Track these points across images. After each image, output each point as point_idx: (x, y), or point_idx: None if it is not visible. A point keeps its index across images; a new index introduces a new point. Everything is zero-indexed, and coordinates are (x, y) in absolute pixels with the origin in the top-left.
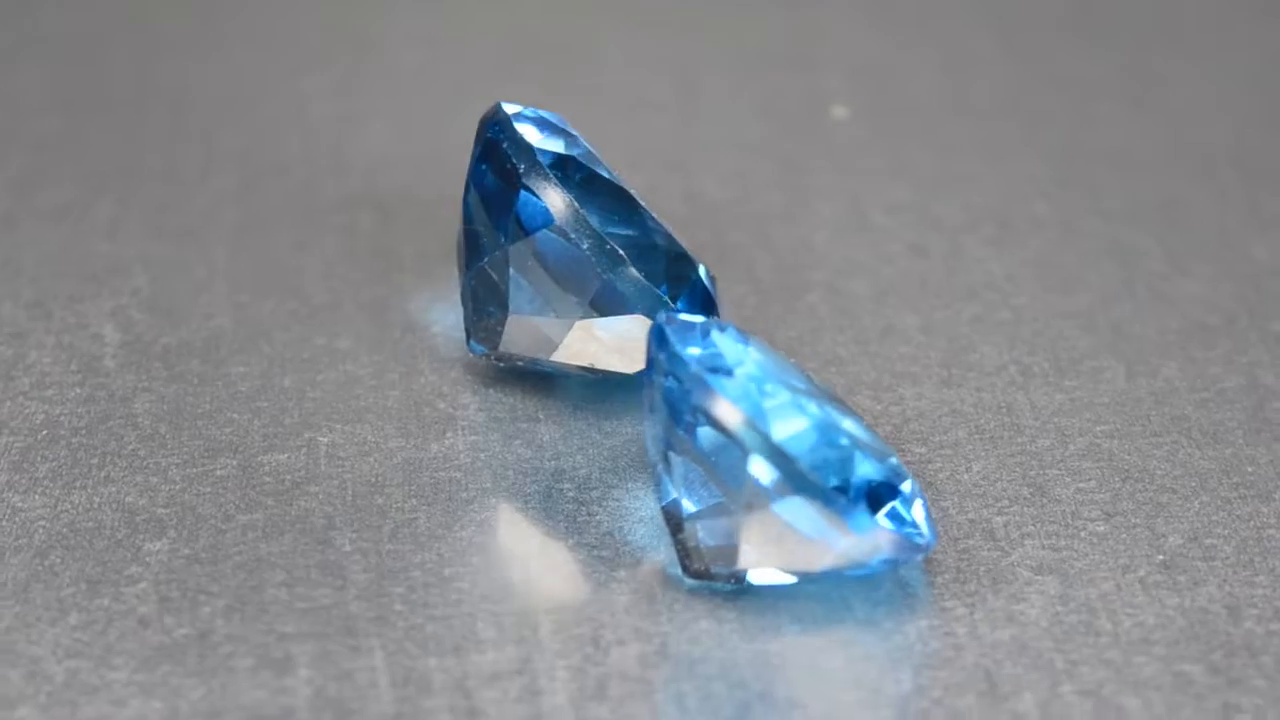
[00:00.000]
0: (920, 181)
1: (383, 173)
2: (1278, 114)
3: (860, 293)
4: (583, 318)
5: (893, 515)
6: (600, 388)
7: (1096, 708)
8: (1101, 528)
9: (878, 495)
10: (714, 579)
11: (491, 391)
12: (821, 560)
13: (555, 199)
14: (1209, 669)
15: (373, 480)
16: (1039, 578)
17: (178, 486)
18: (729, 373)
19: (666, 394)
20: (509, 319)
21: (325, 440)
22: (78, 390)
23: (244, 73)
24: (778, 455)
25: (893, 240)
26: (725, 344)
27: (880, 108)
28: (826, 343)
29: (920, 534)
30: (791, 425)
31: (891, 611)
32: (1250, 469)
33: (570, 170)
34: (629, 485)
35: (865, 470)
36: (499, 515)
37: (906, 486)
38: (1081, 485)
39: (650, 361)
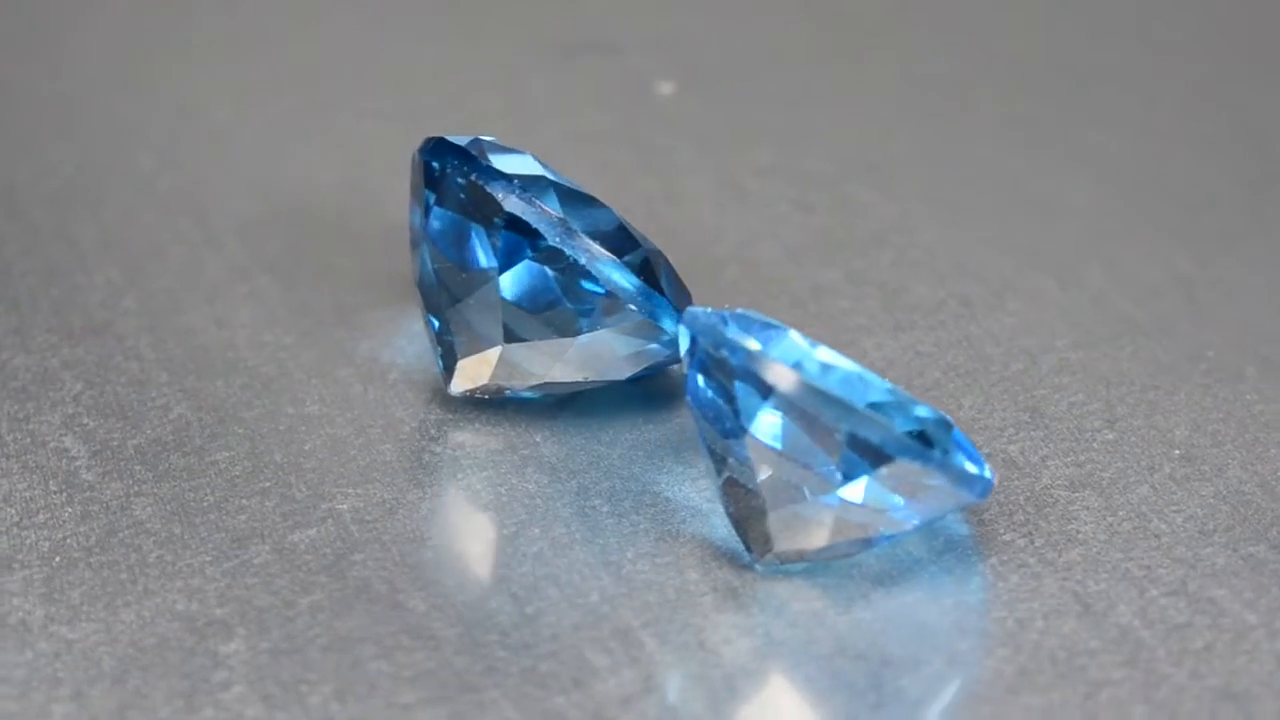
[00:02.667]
0: (774, 140)
1: (260, 233)
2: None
3: (773, 258)
4: (580, 331)
5: (962, 457)
6: (580, 401)
7: (1190, 605)
8: (1110, 435)
9: (940, 439)
10: (784, 560)
11: (479, 426)
12: (901, 522)
13: (543, 220)
14: (1271, 547)
15: (412, 535)
16: (1077, 495)
17: (222, 583)
18: (785, 355)
19: (733, 386)
20: (503, 351)
21: (345, 507)
22: (70, 510)
23: (85, 156)
24: (866, 422)
25: (777, 201)
26: (765, 328)
27: (700, 76)
28: (766, 310)
29: (984, 472)
30: (860, 391)
31: (959, 558)
32: (1210, 353)
33: (539, 187)
34: (654, 489)
35: (922, 413)
36: (549, 545)
37: (954, 427)
38: (1072, 400)
39: (703, 356)
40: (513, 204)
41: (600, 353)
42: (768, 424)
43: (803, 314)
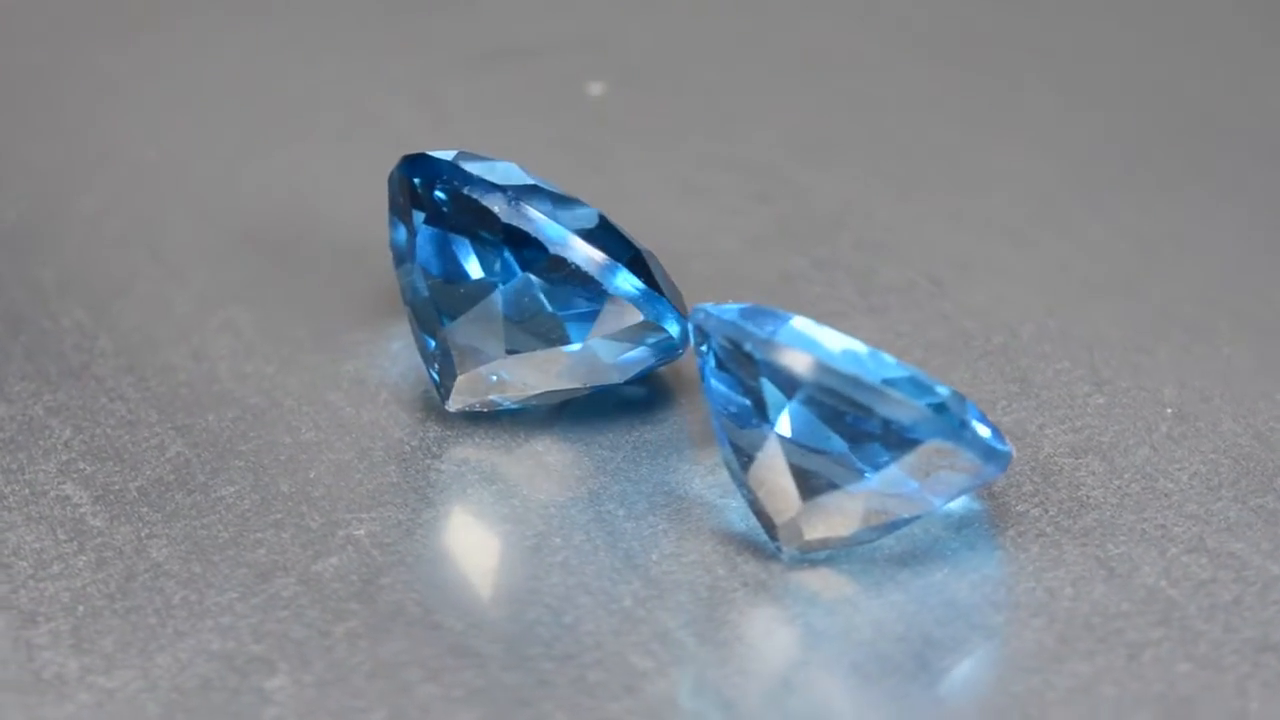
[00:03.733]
0: (710, 132)
1: (220, 264)
2: None
3: (735, 249)
4: (582, 338)
5: (986, 430)
6: (574, 406)
7: (1212, 560)
8: (1101, 399)
9: (960, 413)
10: (810, 549)
11: (479, 439)
12: (927, 503)
13: (544, 229)
14: (1279, 497)
15: (434, 555)
16: (1081, 461)
17: (253, 619)
18: (800, 342)
19: (755, 379)
20: (503, 364)
21: (362, 533)
22: (84, 558)
23: (25, 204)
24: (895, 405)
25: (728, 193)
26: (773, 318)
27: (625, 74)
28: (740, 301)
29: (1004, 445)
30: (875, 370)
31: (978, 532)
32: (1181, 309)
33: (530, 195)
34: (664, 488)
35: (939, 389)
36: (573, 553)
37: (968, 400)
38: (1058, 367)
39: (719, 352)
40: (510, 215)
41: (600, 358)
42: (794, 415)
43: (776, 303)
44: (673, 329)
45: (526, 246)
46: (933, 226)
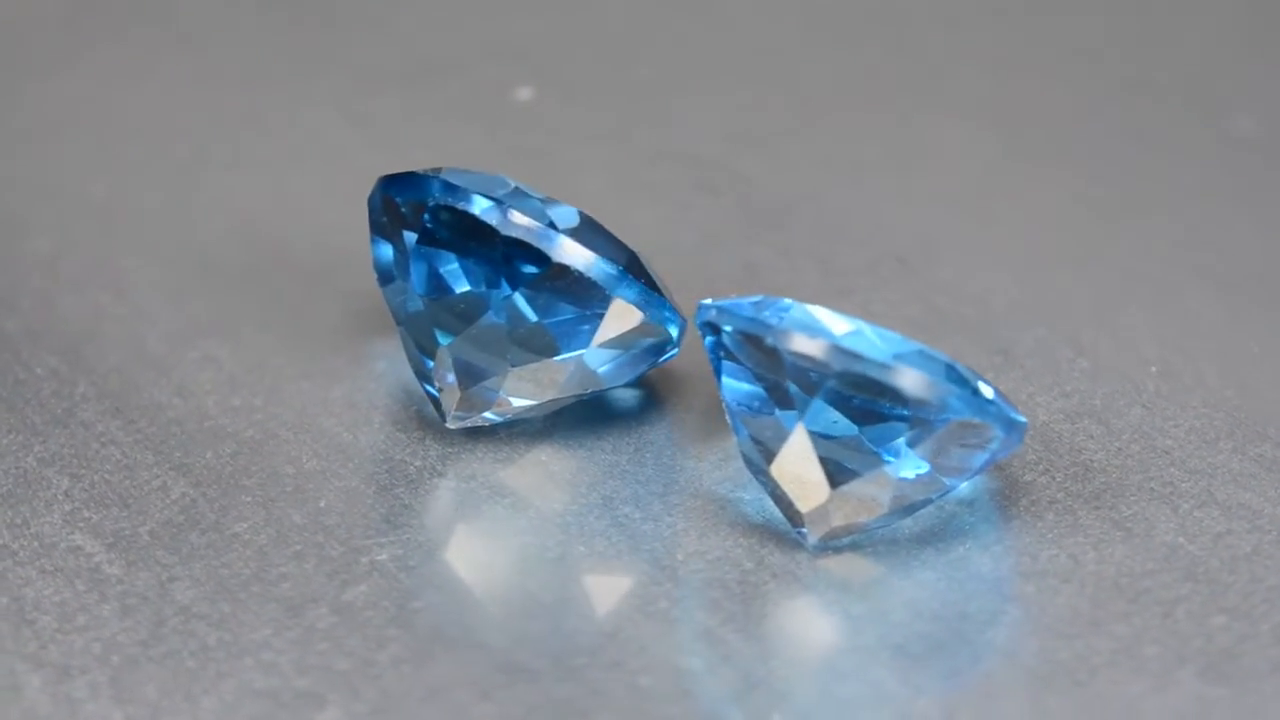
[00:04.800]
0: (648, 130)
1: (185, 299)
2: None
3: (695, 243)
4: (583, 345)
5: (1002, 401)
6: (568, 413)
7: (1224, 512)
8: (1085, 363)
9: (974, 385)
10: (836, 535)
11: (479, 454)
12: (951, 481)
13: (545, 238)
14: (1276, 445)
15: (461, 574)
16: (1078, 425)
17: (293, 653)
18: (820, 332)
19: (774, 370)
20: (507, 378)
21: (385, 557)
22: (107, 607)
23: None
24: (920, 382)
25: (677, 188)
26: (777, 307)
27: (549, 78)
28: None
29: (1019, 415)
30: (885, 350)
31: (991, 504)
32: (1132, 266)
33: (523, 204)
34: (675, 487)
35: (946, 360)
36: (598, 561)
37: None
38: (1037, 335)
39: (732, 346)
40: (508, 227)
41: (603, 365)
42: (819, 405)
43: (747, 293)
44: (672, 329)
45: (526, 258)
46: (883, 207)
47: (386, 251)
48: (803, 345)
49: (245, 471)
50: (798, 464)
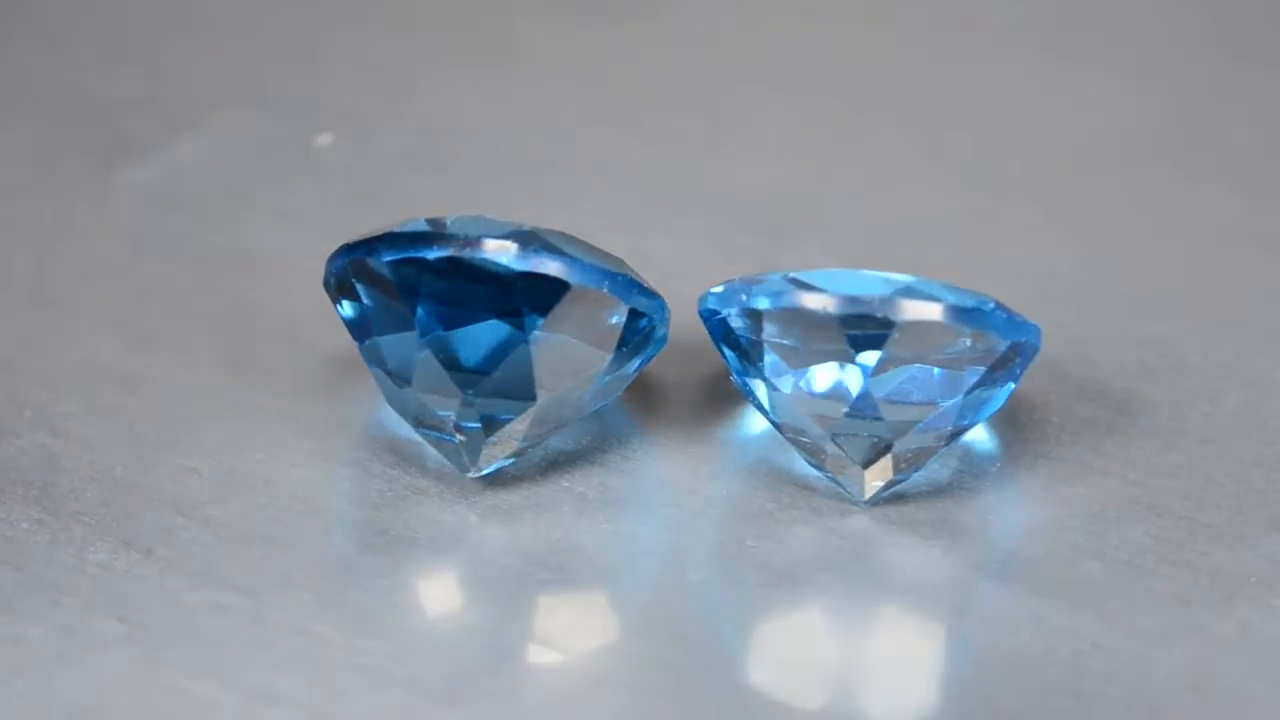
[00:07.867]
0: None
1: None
2: None
3: (665, 253)
4: (603, 366)
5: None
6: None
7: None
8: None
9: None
10: (884, 489)
11: (499, 492)
12: (989, 402)
13: (560, 262)
14: None
15: (562, 614)
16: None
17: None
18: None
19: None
20: (533, 413)
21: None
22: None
23: None
24: (954, 312)
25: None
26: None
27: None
28: None
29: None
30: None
31: (1005, 473)
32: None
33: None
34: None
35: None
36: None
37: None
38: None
39: (743, 336)
40: (520, 264)
41: (619, 380)
42: (854, 369)
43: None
44: (662, 327)
45: (543, 292)
46: (860, 198)
47: (355, 310)
48: (851, 312)
49: (262, 536)
50: (846, 429)
